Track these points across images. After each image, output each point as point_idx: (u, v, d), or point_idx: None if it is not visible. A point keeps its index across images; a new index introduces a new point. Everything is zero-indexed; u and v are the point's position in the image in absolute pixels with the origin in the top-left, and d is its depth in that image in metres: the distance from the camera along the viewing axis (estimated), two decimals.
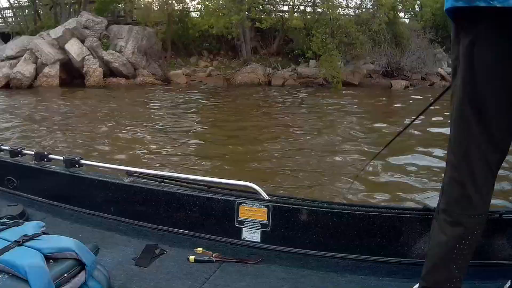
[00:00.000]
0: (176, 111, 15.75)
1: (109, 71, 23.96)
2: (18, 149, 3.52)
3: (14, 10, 30.46)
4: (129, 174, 3.09)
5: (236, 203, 2.73)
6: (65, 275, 1.98)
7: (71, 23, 23.80)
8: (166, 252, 2.65)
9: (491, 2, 1.45)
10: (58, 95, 19.64)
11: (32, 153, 3.47)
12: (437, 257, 1.85)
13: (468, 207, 1.75)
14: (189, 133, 11.89)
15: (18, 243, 2.06)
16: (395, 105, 18.86)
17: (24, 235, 2.13)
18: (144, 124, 12.86)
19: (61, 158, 3.32)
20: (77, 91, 20.55)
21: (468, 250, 1.82)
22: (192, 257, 2.54)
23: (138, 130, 11.97)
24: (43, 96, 19.23)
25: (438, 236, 1.83)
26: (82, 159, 3.31)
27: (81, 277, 2.05)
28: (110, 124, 12.78)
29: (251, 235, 2.71)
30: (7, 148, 3.59)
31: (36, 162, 3.42)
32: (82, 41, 23.52)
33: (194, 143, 10.64)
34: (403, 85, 23.75)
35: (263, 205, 2.67)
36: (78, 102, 17.56)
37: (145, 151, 9.60)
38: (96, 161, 3.54)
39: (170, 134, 11.65)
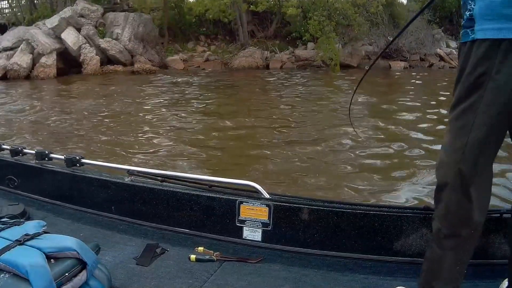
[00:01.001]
0: (174, 98, 15.79)
1: (106, 59, 23.87)
2: (19, 148, 3.53)
3: (9, 1, 30.29)
4: (130, 173, 3.08)
5: (237, 202, 2.73)
6: (66, 274, 1.99)
7: (66, 12, 23.66)
8: (167, 251, 2.65)
9: None
10: (55, 85, 19.62)
11: (33, 152, 3.47)
12: (440, 273, 1.87)
13: (469, 218, 1.77)
14: (187, 120, 11.93)
15: (19, 242, 2.06)
16: (394, 86, 18.83)
17: (25, 234, 2.13)
18: (142, 113, 12.88)
19: (62, 157, 3.33)
20: (74, 80, 20.53)
21: (469, 255, 1.86)
22: (193, 256, 2.54)
23: (136, 119, 11.98)
24: (40, 87, 19.19)
25: (440, 253, 1.85)
26: (83, 158, 3.31)
27: (82, 276, 2.05)
28: (107, 114, 12.78)
29: (252, 234, 2.71)
30: (8, 147, 3.60)
31: (37, 161, 3.43)
32: (78, 30, 23.41)
33: (192, 131, 10.63)
34: (401, 66, 23.75)
35: (264, 204, 2.67)
36: (75, 91, 17.58)
37: (143, 141, 9.59)
38: (97, 160, 3.52)
39: (168, 121, 11.67)
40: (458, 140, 1.69)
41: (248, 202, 2.71)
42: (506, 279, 2.09)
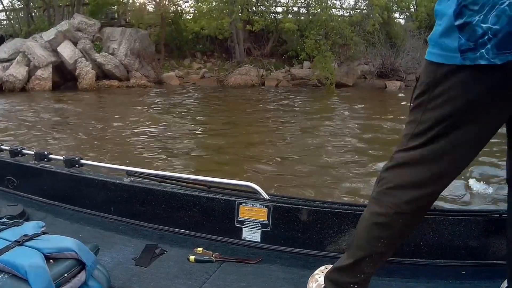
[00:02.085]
0: (168, 113, 15.77)
1: (102, 74, 23.95)
2: (18, 149, 3.53)
3: (7, 13, 30.36)
4: (129, 174, 3.08)
5: (236, 203, 2.73)
6: (65, 275, 1.98)
7: (63, 25, 23.71)
8: (166, 252, 2.64)
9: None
10: (51, 98, 19.65)
11: (32, 153, 3.47)
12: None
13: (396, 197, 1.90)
14: (182, 136, 11.89)
15: (18, 243, 2.06)
16: (389, 105, 18.92)
17: (24, 235, 2.13)
18: (137, 128, 12.85)
19: (61, 158, 3.33)
20: (70, 94, 20.60)
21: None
22: (192, 257, 2.54)
23: (131, 133, 11.96)
24: (35, 99, 19.26)
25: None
26: (82, 159, 3.32)
27: (81, 277, 2.05)
28: (102, 128, 12.78)
29: (251, 235, 2.71)
30: (7, 148, 3.60)
31: (36, 162, 3.42)
32: (75, 44, 23.46)
33: (187, 146, 10.63)
34: (397, 86, 23.74)
35: (263, 205, 2.67)
36: (70, 105, 17.59)
37: (139, 155, 9.57)
38: (96, 161, 3.53)
39: (162, 137, 11.66)
40: (408, 131, 1.88)
41: (247, 203, 2.71)
42: (506, 280, 2.11)
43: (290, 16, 26.73)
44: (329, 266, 2.15)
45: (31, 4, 29.39)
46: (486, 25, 1.55)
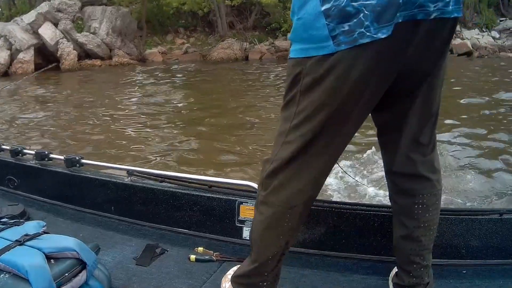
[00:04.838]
0: (151, 92, 15.65)
1: (84, 53, 23.76)
2: (19, 149, 3.54)
3: None
4: (129, 173, 3.10)
5: (237, 202, 2.75)
6: (66, 274, 2.01)
7: (43, 7, 23.40)
8: (167, 251, 2.67)
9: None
10: (33, 81, 19.37)
11: (33, 152, 3.47)
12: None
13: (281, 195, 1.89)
14: (167, 115, 11.81)
15: (19, 242, 2.09)
16: None
17: (25, 235, 2.16)
18: (121, 109, 12.76)
19: (62, 157, 3.34)
20: (52, 76, 20.26)
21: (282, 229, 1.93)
22: (192, 257, 2.56)
23: (115, 115, 11.84)
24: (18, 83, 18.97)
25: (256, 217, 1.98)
26: (82, 158, 3.32)
27: (82, 276, 2.08)
28: (85, 110, 12.63)
29: None
30: (7, 147, 3.61)
31: (36, 161, 3.43)
32: (56, 25, 23.21)
33: (172, 127, 10.55)
34: None
35: None
36: (53, 87, 17.37)
37: (124, 138, 9.48)
38: (96, 161, 3.54)
39: (147, 116, 11.56)
40: (283, 128, 1.84)
41: (247, 203, 2.73)
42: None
43: None
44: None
45: None
46: (358, 3, 1.52)
